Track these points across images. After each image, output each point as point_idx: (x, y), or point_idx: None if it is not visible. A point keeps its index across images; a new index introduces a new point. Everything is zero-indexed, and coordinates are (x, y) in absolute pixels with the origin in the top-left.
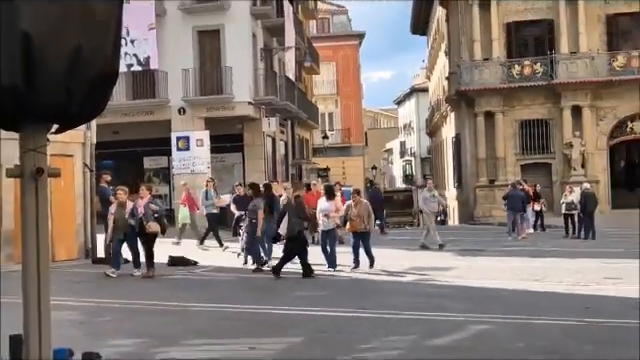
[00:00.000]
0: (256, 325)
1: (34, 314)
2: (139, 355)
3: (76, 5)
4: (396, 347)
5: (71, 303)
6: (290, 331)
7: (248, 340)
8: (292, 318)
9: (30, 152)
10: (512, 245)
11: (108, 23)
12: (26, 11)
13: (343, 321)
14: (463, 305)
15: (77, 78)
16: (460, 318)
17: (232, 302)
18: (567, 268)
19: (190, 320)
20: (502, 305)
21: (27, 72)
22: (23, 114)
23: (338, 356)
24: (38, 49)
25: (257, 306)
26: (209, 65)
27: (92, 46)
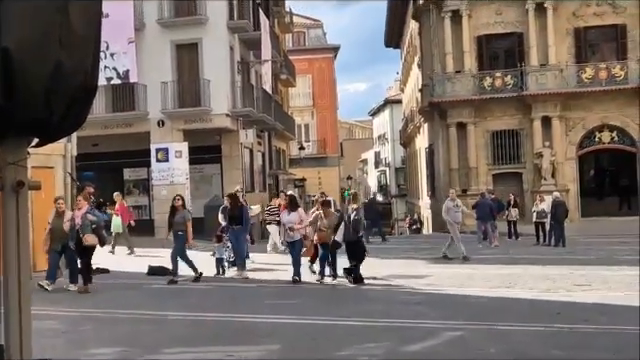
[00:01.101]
0: (234, 333)
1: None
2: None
3: (56, 21)
4: (371, 354)
5: (52, 312)
6: (267, 339)
7: (226, 348)
8: (269, 326)
9: (10, 165)
10: (484, 253)
11: (87, 38)
12: (6, 27)
13: (320, 328)
14: (437, 312)
15: (57, 92)
16: (434, 325)
17: (210, 311)
18: (537, 275)
19: (169, 328)
20: (474, 311)
21: (7, 86)
22: (3, 128)
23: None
24: (18, 64)
25: (234, 314)
26: (187, 78)
27: (72, 61)
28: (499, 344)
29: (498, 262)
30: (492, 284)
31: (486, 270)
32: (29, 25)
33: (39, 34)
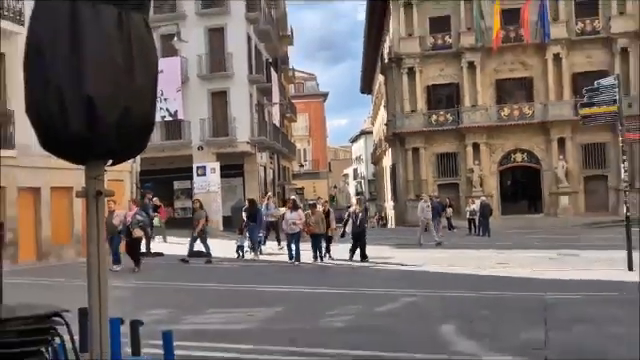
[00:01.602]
0: (251, 298)
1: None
2: (169, 321)
3: (125, 76)
4: (349, 313)
5: (117, 285)
6: (275, 303)
7: (246, 309)
8: (276, 294)
9: (92, 179)
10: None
11: (147, 88)
12: (88, 79)
13: (313, 295)
14: (398, 283)
15: (125, 128)
16: (395, 293)
17: (233, 282)
18: (470, 256)
19: (203, 295)
20: (425, 283)
21: (89, 124)
22: (88, 153)
23: (309, 320)
24: (97, 108)
25: (252, 285)
26: (219, 116)
27: (136, 105)
28: (442, 307)
29: (443, 247)
30: (438, 263)
31: (434, 254)
32: (105, 79)
33: (112, 86)
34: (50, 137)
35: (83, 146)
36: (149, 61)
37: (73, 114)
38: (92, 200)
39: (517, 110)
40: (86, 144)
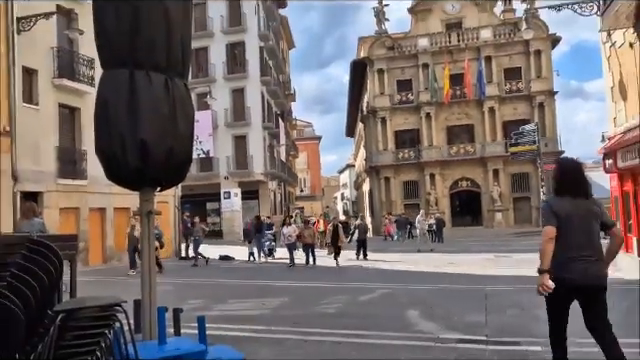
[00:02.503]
0: (264, 291)
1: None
2: (202, 308)
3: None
4: (338, 302)
5: (165, 281)
6: (282, 294)
7: (260, 299)
8: (282, 287)
9: (145, 201)
10: (400, 247)
11: (186, 134)
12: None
13: (310, 289)
14: (375, 279)
15: (169, 163)
16: (374, 286)
17: (250, 279)
18: (429, 258)
19: (231, 289)
20: (396, 278)
21: (143, 160)
22: (141, 182)
23: (307, 307)
24: (149, 148)
25: (263, 281)
26: (240, 154)
27: (178, 146)
28: (409, 296)
29: (409, 252)
30: (406, 264)
31: (403, 256)
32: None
33: (160, 132)
34: (113, 170)
35: (138, 177)
36: (188, 113)
37: (131, 153)
38: (145, 217)
39: (462, 149)
40: (140, 176)
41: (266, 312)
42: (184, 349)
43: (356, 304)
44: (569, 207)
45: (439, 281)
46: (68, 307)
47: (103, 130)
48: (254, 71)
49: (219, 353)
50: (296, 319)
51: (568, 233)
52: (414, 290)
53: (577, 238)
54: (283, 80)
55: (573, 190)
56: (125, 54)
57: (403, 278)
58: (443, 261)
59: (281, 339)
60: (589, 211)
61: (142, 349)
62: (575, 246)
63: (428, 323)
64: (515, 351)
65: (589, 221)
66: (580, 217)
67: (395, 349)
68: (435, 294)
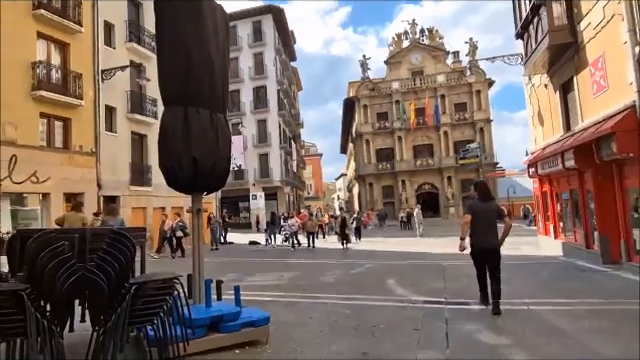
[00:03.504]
0: (281, 266)
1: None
2: (236, 280)
3: (213, 146)
4: (336, 274)
5: (209, 260)
6: (292, 268)
7: (278, 273)
8: (294, 264)
9: (195, 202)
10: (383, 233)
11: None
12: (194, 148)
13: (316, 265)
14: (364, 257)
15: (213, 174)
16: (362, 262)
17: (272, 258)
18: (402, 241)
19: (257, 265)
20: (378, 257)
21: (194, 172)
22: (192, 188)
23: (313, 278)
24: (199, 163)
25: (282, 260)
26: (263, 167)
27: (220, 161)
28: (389, 269)
29: (389, 236)
30: (388, 246)
31: (384, 240)
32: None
33: (206, 151)
34: (171, 180)
35: (190, 185)
36: (226, 138)
37: (185, 167)
38: (195, 214)
39: (425, 161)
40: (192, 184)
41: (283, 282)
42: (224, 310)
43: (349, 275)
44: (480, 206)
45: (409, 258)
46: (139, 280)
47: (164, 150)
48: (273, 107)
49: (250, 313)
50: (305, 287)
51: (479, 221)
52: (390, 264)
53: (483, 224)
54: (294, 113)
55: (483, 198)
56: (180, 96)
57: (382, 256)
58: (412, 243)
59: (295, 302)
60: (491, 209)
61: (194, 311)
62: (482, 228)
63: (402, 289)
64: (465, 309)
65: (490, 215)
66: (485, 212)
67: (378, 308)
68: (406, 267)
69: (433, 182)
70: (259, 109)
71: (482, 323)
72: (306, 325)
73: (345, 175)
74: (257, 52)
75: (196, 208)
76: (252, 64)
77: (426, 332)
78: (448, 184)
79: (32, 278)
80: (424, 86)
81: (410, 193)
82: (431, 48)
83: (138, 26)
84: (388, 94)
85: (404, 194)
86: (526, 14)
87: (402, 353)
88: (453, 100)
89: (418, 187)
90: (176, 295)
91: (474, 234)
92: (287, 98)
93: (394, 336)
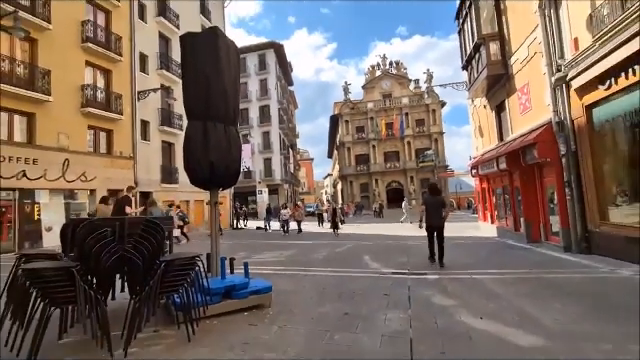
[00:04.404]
0: (281, 247)
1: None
2: (246, 257)
3: (227, 152)
4: (324, 253)
5: (225, 242)
6: (290, 248)
7: (278, 252)
8: (292, 244)
9: (213, 196)
10: (360, 220)
11: (237, 157)
12: (211, 154)
13: (308, 245)
14: (346, 239)
15: (226, 174)
16: (343, 243)
17: (272, 239)
18: (375, 226)
19: (262, 246)
20: (356, 239)
21: (211, 173)
22: (210, 185)
23: (306, 255)
24: (215, 166)
25: (281, 241)
26: (267, 168)
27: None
28: (364, 248)
29: (365, 223)
30: (364, 230)
31: (360, 225)
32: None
33: (221, 156)
34: (194, 178)
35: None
36: (237, 146)
37: (204, 169)
38: (213, 206)
39: (393, 164)
40: (209, 182)
41: (283, 259)
42: (236, 281)
43: (334, 254)
44: (430, 199)
45: (380, 239)
46: (168, 258)
47: (188, 155)
48: (275, 122)
49: (256, 283)
50: (300, 262)
51: (429, 208)
52: (366, 245)
53: (432, 210)
54: (291, 127)
55: (432, 193)
56: (201, 113)
57: (359, 238)
58: (383, 228)
59: (293, 274)
60: (438, 201)
61: (212, 282)
62: (432, 213)
63: (375, 263)
64: (423, 278)
65: (438, 205)
66: (434, 203)
67: (357, 279)
68: (379, 247)
69: (399, 180)
70: (264, 123)
71: (436, 289)
72: (301, 292)
73: (331, 175)
74: (262, 78)
75: (214, 201)
76: (258, 88)
77: (393, 297)
78: (411, 182)
79: (81, 257)
80: (392, 106)
81: (381, 189)
82: (398, 77)
83: (167, 57)
84: (365, 112)
85: (377, 190)
86: (470, 51)
87: (375, 313)
88: (414, 117)
89: (387, 184)
90: (197, 270)
91: (427, 217)
92: (286, 115)
93: (369, 299)
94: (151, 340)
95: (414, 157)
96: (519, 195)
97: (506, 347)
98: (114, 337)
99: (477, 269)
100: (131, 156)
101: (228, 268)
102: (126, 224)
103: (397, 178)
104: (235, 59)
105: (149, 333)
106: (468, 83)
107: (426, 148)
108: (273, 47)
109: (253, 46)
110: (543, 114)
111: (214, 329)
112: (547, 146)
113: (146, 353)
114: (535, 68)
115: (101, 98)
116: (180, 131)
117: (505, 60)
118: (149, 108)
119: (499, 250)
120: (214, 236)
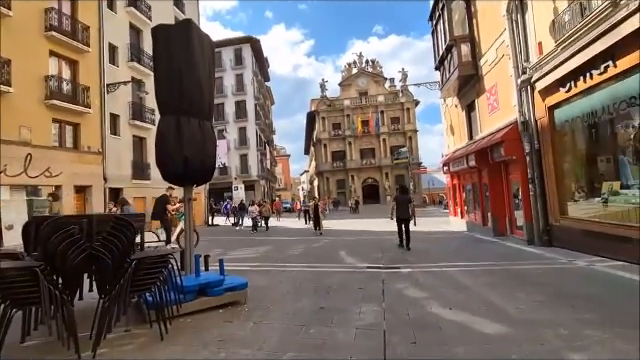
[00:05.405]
0: (257, 243)
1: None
2: (221, 254)
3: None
4: (300, 248)
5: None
6: (266, 244)
7: (255, 248)
8: (267, 241)
9: (187, 192)
10: (339, 215)
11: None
12: (185, 149)
13: (285, 241)
14: (323, 235)
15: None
16: (320, 238)
17: (248, 236)
18: (351, 222)
19: (238, 242)
20: (333, 234)
21: (185, 168)
22: (184, 181)
23: (282, 252)
24: (189, 162)
25: (257, 237)
26: (243, 164)
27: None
28: (340, 243)
29: (342, 219)
30: (341, 226)
31: (341, 221)
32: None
33: (196, 151)
34: (166, 174)
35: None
36: (212, 141)
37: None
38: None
39: (368, 161)
40: (183, 177)
41: (258, 255)
42: (211, 279)
43: (311, 249)
44: (400, 197)
45: (356, 234)
46: (139, 256)
47: (161, 151)
48: (251, 117)
49: (231, 280)
50: (276, 259)
51: (399, 204)
52: (342, 240)
53: (402, 206)
54: (268, 122)
55: (402, 192)
56: (174, 106)
57: (336, 233)
58: (359, 223)
59: (268, 270)
60: (407, 199)
61: (185, 280)
62: (401, 208)
63: (351, 258)
64: (396, 272)
65: (406, 203)
66: (403, 200)
67: (333, 273)
68: (355, 242)
69: (375, 177)
70: (240, 119)
71: (408, 282)
72: (276, 288)
73: (308, 171)
74: (238, 73)
75: (187, 197)
76: (234, 82)
77: (368, 290)
78: (386, 178)
79: (46, 256)
80: (368, 104)
81: (357, 185)
82: (374, 75)
83: (139, 48)
84: (341, 109)
85: (353, 186)
86: (442, 52)
87: (350, 306)
88: (390, 115)
89: (363, 180)
90: (170, 267)
91: (397, 211)
92: (262, 110)
93: (344, 293)
94: (122, 340)
95: (389, 154)
96: (487, 191)
97: (473, 335)
98: (83, 338)
99: (447, 262)
100: (100, 151)
101: (203, 266)
102: (94, 221)
103: (373, 174)
104: (210, 52)
105: (120, 333)
106: (441, 83)
107: (401, 145)
108: (250, 42)
109: (229, 40)
110: (510, 114)
111: (188, 327)
112: (513, 145)
113: (116, 353)
114: (503, 70)
115: (67, 90)
116: (152, 125)
117: (475, 61)
118: (119, 101)
119: (468, 244)
120: (188, 234)
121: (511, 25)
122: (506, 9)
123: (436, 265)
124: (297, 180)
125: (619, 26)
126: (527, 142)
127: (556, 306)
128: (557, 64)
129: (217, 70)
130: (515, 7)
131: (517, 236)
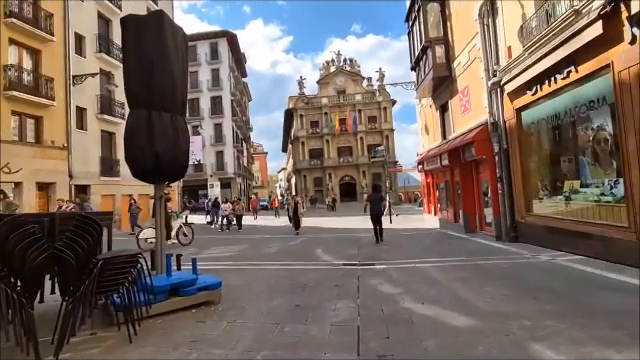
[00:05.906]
0: (231, 242)
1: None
2: (194, 253)
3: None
4: (276, 246)
5: None
6: (242, 243)
7: (230, 247)
8: (242, 239)
9: (158, 190)
10: (312, 213)
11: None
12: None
13: (259, 239)
14: (307, 232)
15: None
16: (299, 236)
17: (222, 235)
18: (329, 219)
19: (211, 241)
20: (309, 232)
21: (156, 165)
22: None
23: (258, 250)
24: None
25: (230, 236)
26: (219, 161)
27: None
28: (316, 241)
29: (319, 216)
30: (318, 223)
31: (318, 218)
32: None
33: (168, 147)
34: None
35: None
36: (186, 137)
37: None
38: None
39: (346, 159)
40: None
41: (233, 254)
42: (183, 278)
43: (287, 247)
44: (374, 195)
45: (334, 232)
46: (106, 256)
47: (130, 146)
48: (227, 113)
49: (205, 279)
50: (251, 257)
51: (372, 203)
52: (320, 238)
53: (375, 204)
54: (245, 119)
55: (375, 191)
56: (144, 101)
57: (313, 231)
58: (337, 221)
59: (243, 269)
60: (380, 197)
61: (156, 280)
62: (374, 205)
63: (327, 255)
64: (371, 269)
65: (379, 201)
66: (376, 198)
67: (308, 271)
68: (331, 240)
69: (352, 175)
70: (216, 115)
71: (383, 278)
72: (251, 287)
73: (285, 169)
74: (214, 68)
75: (159, 195)
76: (210, 77)
77: (343, 287)
78: (363, 176)
79: (3, 257)
80: (346, 102)
81: (335, 183)
82: (352, 74)
83: (107, 39)
84: (319, 107)
85: (330, 184)
86: (418, 53)
87: (325, 303)
88: (367, 114)
89: (341, 178)
90: (140, 267)
91: (371, 208)
92: (239, 107)
93: (320, 291)
94: (87, 343)
95: (366, 152)
96: (459, 189)
97: (444, 328)
98: (44, 343)
99: (421, 258)
100: (65, 146)
101: (175, 265)
102: (57, 220)
103: (350, 172)
104: (183, 46)
105: (85, 336)
106: (416, 83)
107: (378, 144)
108: (226, 36)
109: (205, 34)
110: (481, 115)
111: (158, 328)
112: (483, 145)
113: (81, 357)
114: (474, 72)
115: (28, 81)
116: (122, 120)
117: (449, 63)
118: (87, 94)
119: (440, 240)
120: (159, 233)
121: (483, 29)
122: (478, 13)
123: (410, 261)
124: (275, 178)
125: (580, 33)
126: (496, 142)
127: (520, 299)
128: (525, 68)
129: (192, 64)
130: (487, 11)
131: (486, 232)
